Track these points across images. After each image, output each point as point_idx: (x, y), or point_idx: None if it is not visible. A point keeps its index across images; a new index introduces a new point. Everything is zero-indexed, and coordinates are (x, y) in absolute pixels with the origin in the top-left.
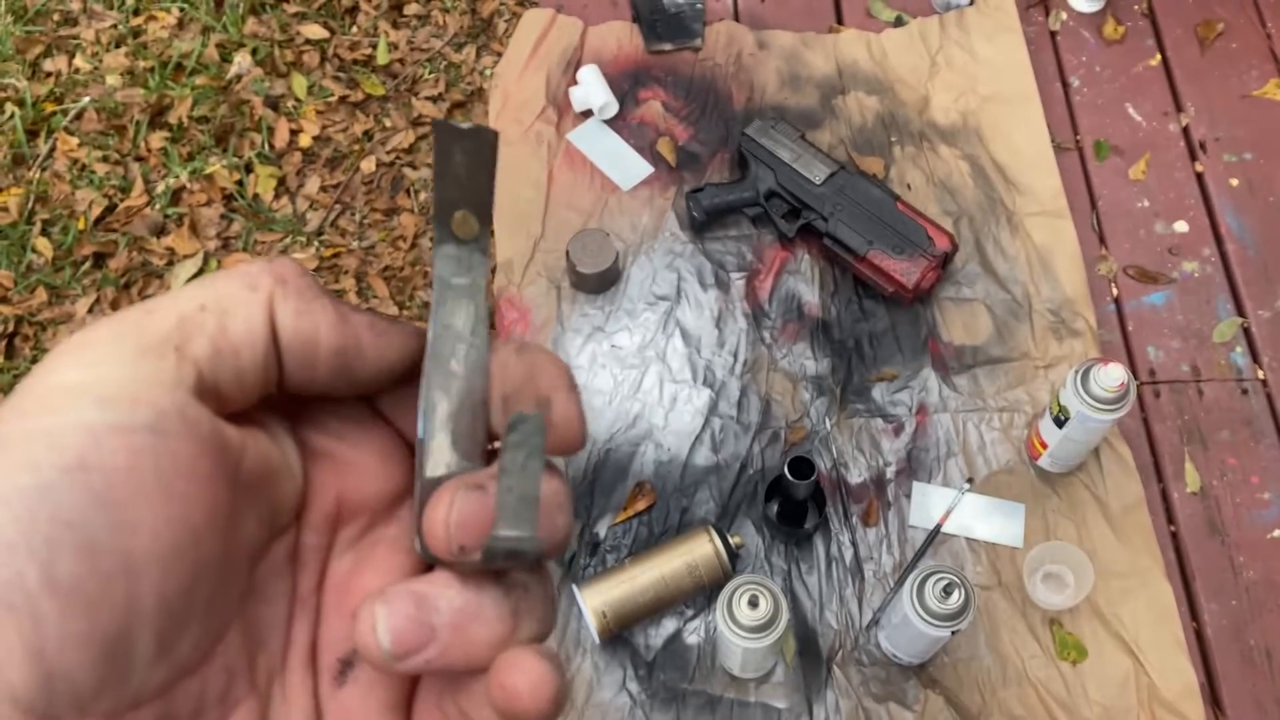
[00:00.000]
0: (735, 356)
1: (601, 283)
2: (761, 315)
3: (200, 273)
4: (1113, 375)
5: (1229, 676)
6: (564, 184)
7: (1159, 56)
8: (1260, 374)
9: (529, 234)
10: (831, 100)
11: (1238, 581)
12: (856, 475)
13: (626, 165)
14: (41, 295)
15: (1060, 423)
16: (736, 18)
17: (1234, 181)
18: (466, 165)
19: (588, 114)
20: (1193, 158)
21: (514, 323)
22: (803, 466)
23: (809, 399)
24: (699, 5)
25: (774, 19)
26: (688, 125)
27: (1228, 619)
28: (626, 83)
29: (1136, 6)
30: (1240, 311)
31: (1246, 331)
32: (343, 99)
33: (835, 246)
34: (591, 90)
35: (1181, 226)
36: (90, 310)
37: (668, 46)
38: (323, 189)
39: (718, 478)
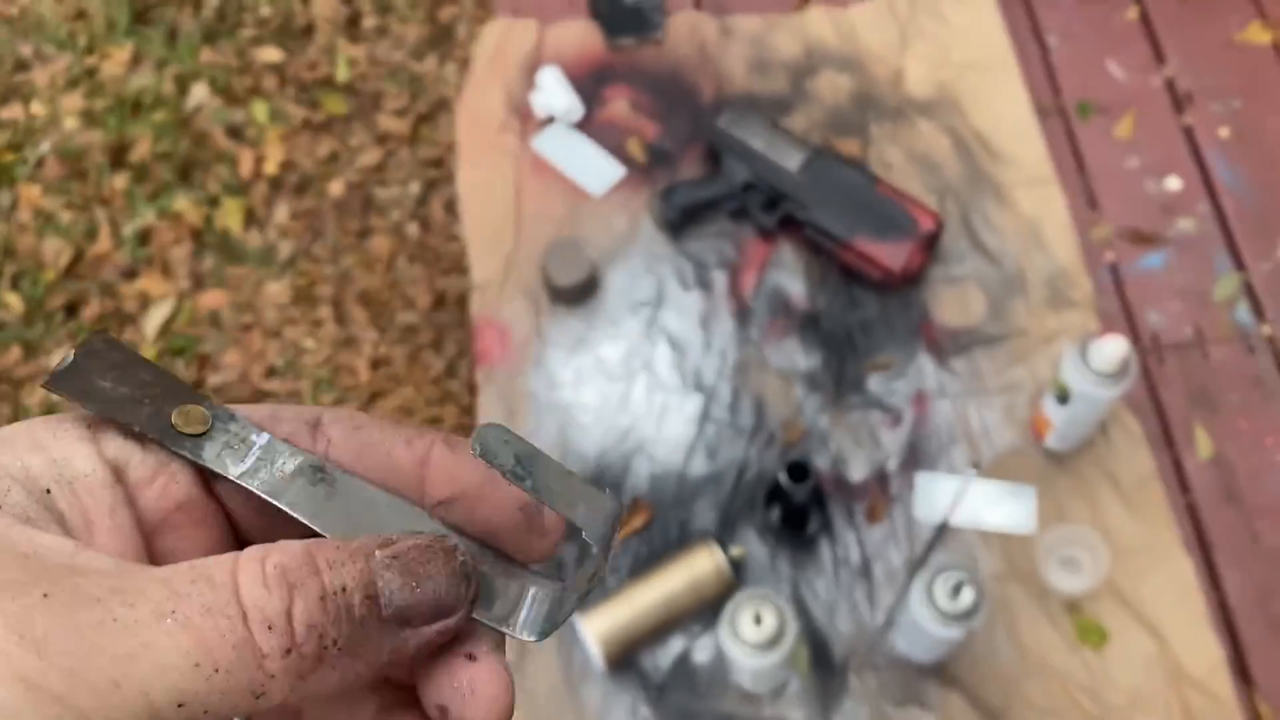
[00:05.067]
0: (724, 358)
1: (580, 293)
2: (747, 313)
3: (172, 318)
4: (1113, 348)
5: (1257, 648)
6: (534, 195)
7: (1137, 8)
8: (1266, 330)
9: (502, 251)
10: (802, 83)
11: (1259, 549)
12: (857, 471)
13: (597, 169)
14: (15, 352)
15: (1063, 400)
16: (698, 5)
17: (1224, 131)
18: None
19: (552, 120)
20: (1179, 110)
21: (493, 344)
22: (800, 470)
23: (802, 396)
24: None
25: (737, 2)
26: (656, 122)
27: (1251, 588)
28: (590, 83)
29: None
30: (1240, 265)
31: (1248, 287)
32: (305, 122)
33: (817, 235)
34: (553, 94)
35: (1173, 183)
36: None
37: (629, 41)
38: (293, 216)
39: (716, 486)
